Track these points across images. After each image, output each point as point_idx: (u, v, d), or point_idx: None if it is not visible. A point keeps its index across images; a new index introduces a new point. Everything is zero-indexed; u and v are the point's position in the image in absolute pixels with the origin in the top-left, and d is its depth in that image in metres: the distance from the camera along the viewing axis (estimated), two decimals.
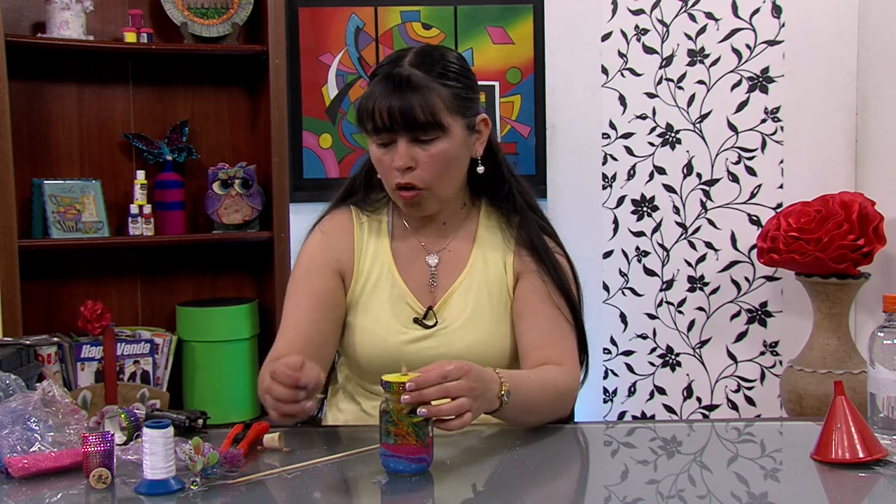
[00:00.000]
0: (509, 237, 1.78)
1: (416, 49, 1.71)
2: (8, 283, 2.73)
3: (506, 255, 1.77)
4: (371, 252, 1.78)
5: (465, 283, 1.75)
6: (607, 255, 3.20)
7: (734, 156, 3.17)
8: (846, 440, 1.39)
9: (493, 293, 1.75)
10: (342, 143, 3.22)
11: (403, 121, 1.63)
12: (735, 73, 3.16)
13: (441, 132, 1.66)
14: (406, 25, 3.21)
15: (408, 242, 1.79)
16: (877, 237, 2.78)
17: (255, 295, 3.19)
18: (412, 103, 1.62)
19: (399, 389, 1.36)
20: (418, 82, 1.63)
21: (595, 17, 3.18)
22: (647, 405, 3.24)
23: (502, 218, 1.80)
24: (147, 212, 2.99)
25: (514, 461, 1.48)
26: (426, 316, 1.73)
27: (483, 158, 1.75)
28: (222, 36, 3.06)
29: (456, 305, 1.73)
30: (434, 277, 1.76)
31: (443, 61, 1.69)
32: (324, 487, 1.38)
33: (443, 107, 1.65)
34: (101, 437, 1.33)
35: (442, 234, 1.79)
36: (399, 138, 1.65)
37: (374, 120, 1.64)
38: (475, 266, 1.76)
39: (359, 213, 1.82)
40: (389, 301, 1.74)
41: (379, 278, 1.76)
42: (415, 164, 1.65)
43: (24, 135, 2.95)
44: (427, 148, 1.65)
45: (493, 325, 1.73)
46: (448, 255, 1.78)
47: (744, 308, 3.20)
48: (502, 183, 1.80)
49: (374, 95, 1.65)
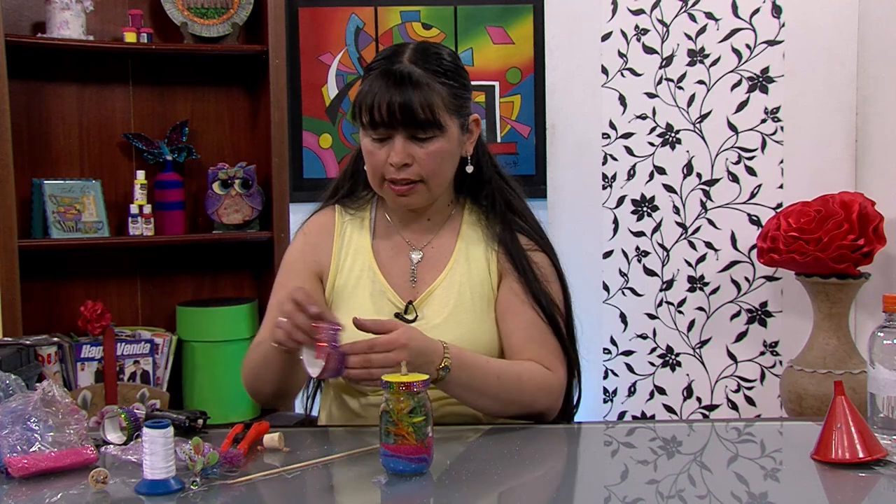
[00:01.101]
0: (491, 236, 1.79)
1: (413, 45, 1.72)
2: (8, 283, 2.73)
3: (488, 252, 1.78)
4: (353, 249, 1.80)
5: (448, 280, 1.76)
6: (607, 255, 3.20)
7: (734, 156, 3.17)
8: (846, 440, 1.39)
9: (475, 290, 1.75)
10: (342, 143, 3.22)
11: (403, 118, 1.64)
12: (735, 73, 3.16)
13: (439, 130, 1.67)
14: (406, 25, 3.21)
15: (391, 238, 1.81)
16: (877, 237, 2.78)
17: (255, 295, 3.19)
18: (413, 100, 1.63)
19: (399, 389, 1.36)
20: (418, 79, 1.64)
21: (595, 17, 3.18)
22: (647, 405, 3.23)
23: (484, 216, 1.81)
24: (147, 212, 2.99)
25: (514, 461, 1.48)
26: (406, 310, 1.74)
27: (471, 157, 1.77)
28: (222, 36, 3.06)
29: (438, 301, 1.74)
30: (414, 273, 1.77)
31: (440, 59, 1.70)
32: (324, 487, 1.38)
33: (442, 105, 1.66)
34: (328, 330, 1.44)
35: (426, 229, 1.80)
36: (396, 134, 1.66)
37: (373, 114, 1.64)
38: (458, 262, 1.77)
39: (342, 211, 1.84)
40: (371, 297, 1.75)
41: (360, 275, 1.77)
42: (411, 160, 1.67)
43: (24, 135, 2.95)
44: (424, 145, 1.67)
45: (476, 321, 1.73)
46: (431, 251, 1.79)
47: (744, 308, 3.20)
48: (483, 183, 1.81)
49: (373, 90, 1.65)
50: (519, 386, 1.65)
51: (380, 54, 1.73)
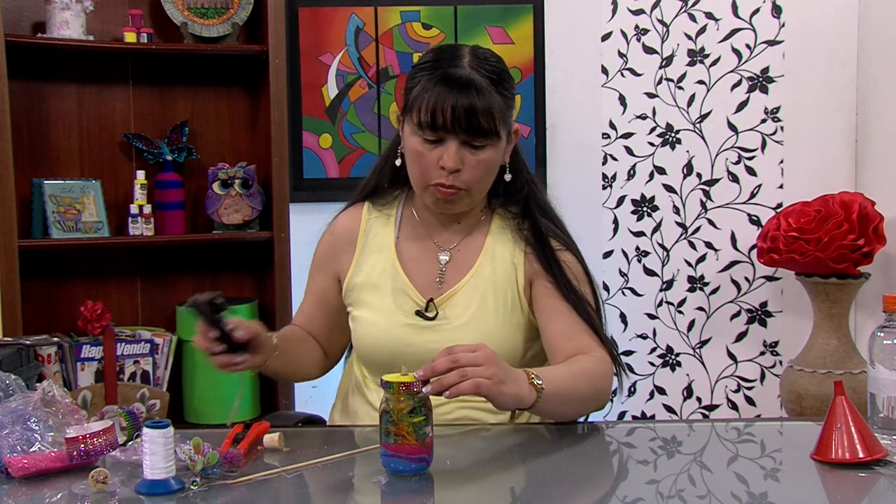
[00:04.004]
0: (519, 239, 1.78)
1: (469, 50, 1.70)
2: (8, 283, 2.73)
3: (515, 256, 1.77)
4: (376, 247, 1.80)
5: (472, 283, 1.75)
6: (607, 255, 3.20)
7: (734, 156, 3.17)
8: (846, 440, 1.39)
9: (499, 294, 1.74)
10: (342, 143, 3.22)
11: (467, 124, 1.63)
12: (735, 73, 3.16)
13: (496, 139, 1.67)
14: (406, 25, 3.21)
15: (418, 237, 1.80)
16: (877, 237, 2.78)
17: (255, 295, 3.19)
18: (477, 107, 1.62)
19: (399, 389, 1.36)
20: (480, 87, 1.63)
21: (595, 17, 3.18)
22: (647, 405, 3.24)
23: (514, 221, 1.80)
24: (147, 212, 2.99)
25: (513, 461, 1.48)
26: (427, 308, 1.73)
27: (508, 165, 1.77)
28: (222, 36, 3.06)
29: (460, 303, 1.74)
30: (443, 274, 1.77)
31: (497, 69, 1.69)
32: (324, 487, 1.38)
33: (500, 116, 1.66)
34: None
35: (455, 232, 1.80)
36: (450, 139, 1.65)
37: (435, 117, 1.63)
38: (483, 265, 1.76)
39: (370, 208, 1.85)
40: (392, 294, 1.76)
41: (383, 273, 1.78)
42: (461, 166, 1.66)
43: (24, 135, 2.95)
44: (476, 153, 1.66)
45: (498, 326, 1.73)
46: (458, 253, 1.78)
47: (744, 308, 3.21)
48: (517, 190, 1.81)
49: (434, 92, 1.63)
50: (588, 377, 1.61)
51: (432, 55, 1.71)
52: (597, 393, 1.63)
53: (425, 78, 1.66)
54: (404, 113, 1.71)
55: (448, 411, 1.69)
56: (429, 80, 1.65)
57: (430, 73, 1.66)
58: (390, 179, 1.84)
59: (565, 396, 1.55)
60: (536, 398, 1.48)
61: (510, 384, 1.44)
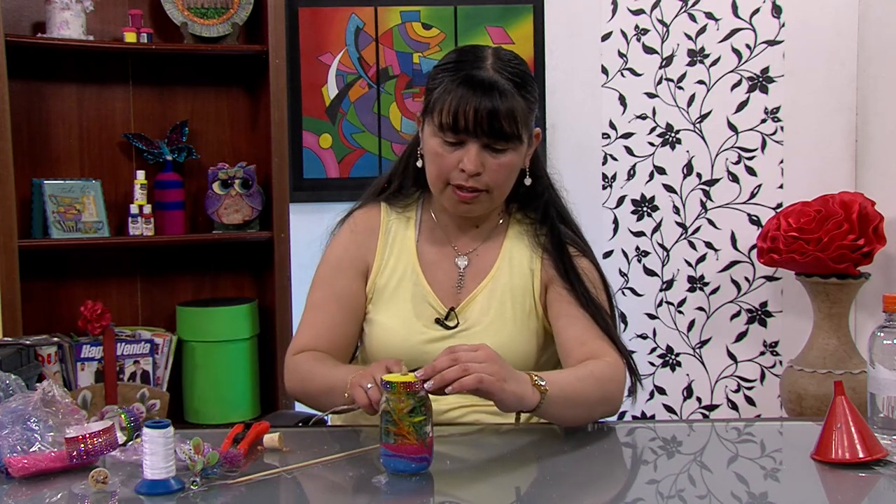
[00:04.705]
0: (537, 245, 1.77)
1: (492, 52, 1.68)
2: (8, 283, 2.73)
3: (533, 262, 1.76)
4: (397, 250, 1.77)
5: (490, 287, 1.74)
6: (607, 255, 3.20)
7: (734, 156, 3.17)
8: (846, 440, 1.39)
9: (516, 299, 1.73)
10: (342, 143, 3.22)
11: (489, 127, 1.61)
12: (735, 73, 3.16)
13: (518, 143, 1.66)
14: (406, 25, 3.21)
15: (437, 241, 1.78)
16: (877, 237, 2.78)
17: (255, 295, 3.19)
18: (500, 111, 1.61)
19: (400, 389, 1.36)
20: (504, 90, 1.62)
21: (595, 17, 3.18)
22: (647, 405, 3.24)
23: (532, 226, 1.79)
24: (147, 212, 2.99)
25: (514, 461, 1.48)
26: (448, 317, 1.72)
27: (528, 170, 1.75)
28: (222, 36, 3.06)
29: (479, 308, 1.72)
30: (462, 279, 1.75)
31: (520, 71, 1.67)
32: (324, 487, 1.38)
33: (522, 119, 1.64)
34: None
35: (473, 236, 1.78)
36: (471, 141, 1.63)
37: (457, 119, 1.61)
38: (501, 270, 1.75)
39: (388, 208, 1.81)
40: (412, 300, 1.73)
41: (403, 277, 1.75)
42: (482, 169, 1.64)
43: (24, 135, 2.95)
44: (497, 157, 1.65)
45: (515, 330, 1.72)
46: (476, 257, 1.77)
47: (744, 308, 3.21)
48: (537, 195, 1.80)
49: (456, 94, 1.62)
50: (597, 382, 1.59)
51: (454, 56, 1.70)
52: (606, 397, 1.61)
53: (447, 79, 1.64)
54: (424, 114, 1.69)
55: (457, 417, 1.68)
56: (451, 81, 1.63)
57: (452, 75, 1.64)
58: (412, 180, 1.80)
59: (571, 400, 1.54)
60: (540, 400, 1.48)
61: (512, 383, 1.44)
